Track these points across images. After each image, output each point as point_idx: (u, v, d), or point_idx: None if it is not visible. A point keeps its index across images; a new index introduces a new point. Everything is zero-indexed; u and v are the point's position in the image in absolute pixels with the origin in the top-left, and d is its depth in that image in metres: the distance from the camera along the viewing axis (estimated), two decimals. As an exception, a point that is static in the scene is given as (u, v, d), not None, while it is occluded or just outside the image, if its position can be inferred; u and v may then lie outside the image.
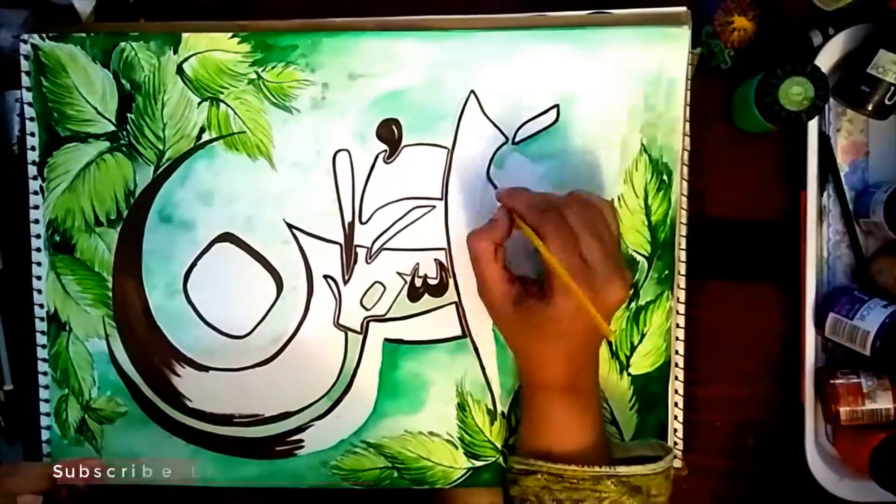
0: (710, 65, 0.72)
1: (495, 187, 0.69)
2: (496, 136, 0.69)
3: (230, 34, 0.70)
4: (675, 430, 0.72)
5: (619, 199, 0.69)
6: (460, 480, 0.73)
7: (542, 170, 0.69)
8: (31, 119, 0.71)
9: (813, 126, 0.71)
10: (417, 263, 0.71)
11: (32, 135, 0.71)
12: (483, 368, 0.71)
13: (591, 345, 0.63)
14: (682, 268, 0.71)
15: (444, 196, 0.70)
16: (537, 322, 0.59)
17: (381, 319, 0.71)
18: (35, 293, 0.72)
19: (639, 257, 0.70)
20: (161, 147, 0.71)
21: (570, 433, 0.63)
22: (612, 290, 0.57)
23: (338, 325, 0.71)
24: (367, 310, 0.71)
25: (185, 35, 0.70)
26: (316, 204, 0.71)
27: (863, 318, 0.68)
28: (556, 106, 0.69)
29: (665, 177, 0.69)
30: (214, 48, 0.70)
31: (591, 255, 0.56)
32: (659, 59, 0.68)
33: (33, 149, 0.71)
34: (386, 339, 0.71)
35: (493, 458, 0.72)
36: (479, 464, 0.72)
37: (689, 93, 0.69)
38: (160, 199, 0.71)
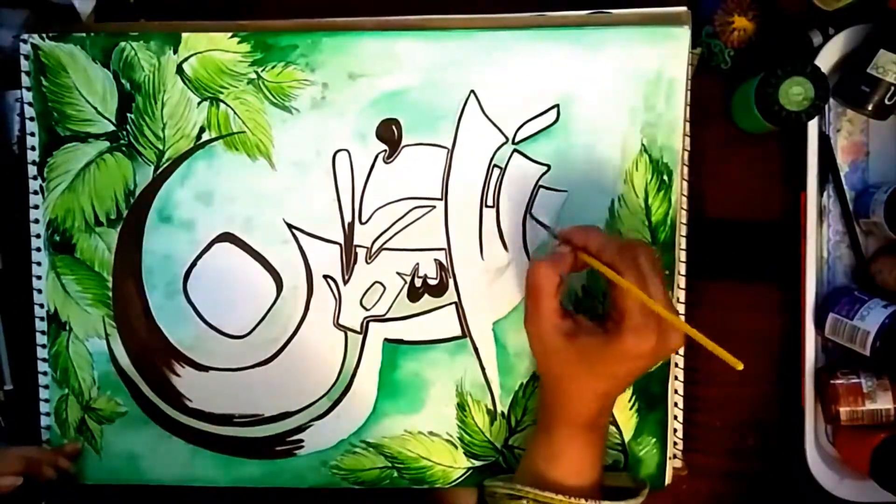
0: (710, 65, 0.72)
1: (547, 228, 0.68)
2: (496, 135, 0.69)
3: (230, 34, 0.70)
4: (675, 430, 0.72)
5: (619, 199, 0.69)
6: (460, 480, 0.73)
7: (542, 170, 0.69)
8: (31, 119, 0.71)
9: (813, 126, 0.71)
10: (417, 263, 0.71)
11: (32, 135, 0.71)
12: (483, 369, 0.71)
13: (628, 387, 0.64)
14: (682, 268, 0.71)
15: (444, 196, 0.70)
16: (590, 357, 0.59)
17: (380, 319, 0.71)
18: (35, 293, 0.73)
19: (639, 257, 0.70)
20: (161, 147, 0.71)
21: (580, 468, 0.63)
22: (673, 337, 0.57)
23: (338, 325, 0.71)
24: (366, 310, 0.71)
25: (184, 35, 0.70)
26: (316, 204, 0.71)
27: (863, 318, 0.68)
28: (556, 106, 0.69)
29: (665, 177, 0.69)
30: (214, 48, 0.70)
31: (658, 300, 0.56)
32: (659, 59, 0.68)
33: (33, 149, 0.71)
34: (386, 339, 0.71)
35: (493, 458, 0.72)
36: (478, 464, 0.72)
37: (689, 93, 0.69)
38: (160, 199, 0.71)
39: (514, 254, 0.70)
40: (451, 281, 0.71)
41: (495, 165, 0.70)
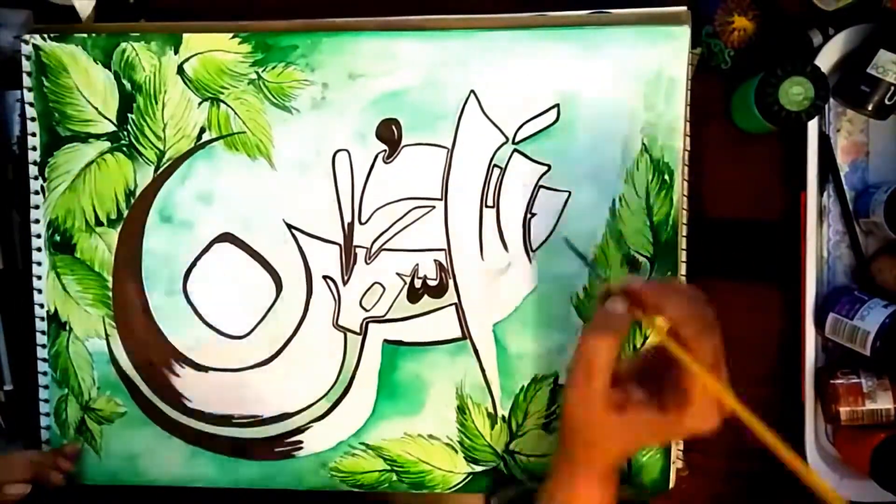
0: (710, 65, 0.72)
1: (584, 258, 0.63)
2: (496, 135, 0.69)
3: (230, 34, 0.70)
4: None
5: (620, 199, 0.69)
6: (460, 486, 0.72)
7: (543, 170, 0.69)
8: (32, 119, 0.71)
9: (813, 126, 0.71)
10: (417, 264, 0.71)
11: (33, 135, 0.71)
12: (483, 371, 0.71)
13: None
14: (683, 268, 0.71)
15: (444, 196, 0.70)
16: (641, 432, 0.54)
17: (380, 320, 0.71)
18: (35, 293, 0.73)
19: (641, 258, 0.70)
20: (161, 147, 0.71)
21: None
22: (714, 424, 0.53)
23: (337, 325, 0.71)
24: (366, 311, 0.71)
25: (185, 35, 0.70)
26: (315, 204, 0.71)
27: (863, 318, 0.68)
28: (557, 106, 0.69)
29: (667, 177, 0.69)
30: (215, 48, 0.70)
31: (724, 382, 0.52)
32: (659, 59, 0.68)
33: (34, 149, 0.72)
34: (385, 340, 0.71)
35: (493, 464, 0.72)
36: (478, 469, 0.72)
37: (689, 93, 0.69)
38: (160, 199, 0.71)
39: (514, 254, 0.70)
40: (450, 282, 0.71)
41: (495, 165, 0.70)
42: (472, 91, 0.69)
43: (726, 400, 0.51)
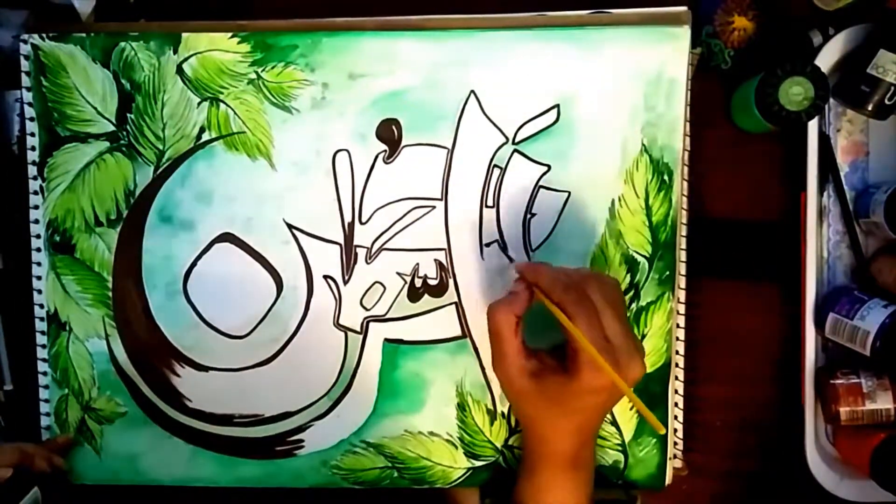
0: (710, 65, 0.72)
1: (510, 259, 0.69)
2: (496, 136, 0.69)
3: (230, 34, 0.70)
4: (675, 430, 0.72)
5: (619, 199, 0.69)
6: (460, 480, 0.73)
7: (543, 170, 0.69)
8: (31, 119, 0.71)
9: (813, 126, 0.71)
10: (417, 264, 0.71)
11: (32, 135, 0.71)
12: (483, 369, 0.71)
13: (601, 420, 0.63)
14: (682, 268, 0.71)
15: (444, 196, 0.70)
16: (556, 396, 0.59)
17: (380, 319, 0.71)
18: (35, 293, 0.72)
19: (639, 258, 0.70)
20: (161, 147, 0.71)
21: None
22: (632, 367, 0.57)
23: (338, 325, 0.71)
24: (366, 310, 0.71)
25: (184, 35, 0.70)
26: (316, 204, 0.71)
27: (863, 318, 0.68)
28: (557, 106, 0.69)
29: (666, 177, 0.69)
30: (214, 48, 0.70)
31: (613, 333, 0.57)
32: (659, 59, 0.68)
33: (33, 149, 0.71)
34: (386, 339, 0.71)
35: (493, 458, 0.72)
36: (478, 464, 0.72)
37: (689, 93, 0.69)
38: (160, 199, 0.71)
39: (514, 254, 0.70)
40: (451, 281, 0.71)
41: (495, 166, 0.70)
42: (472, 91, 0.69)
43: (580, 342, 0.55)
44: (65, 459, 0.72)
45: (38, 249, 0.72)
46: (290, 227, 0.71)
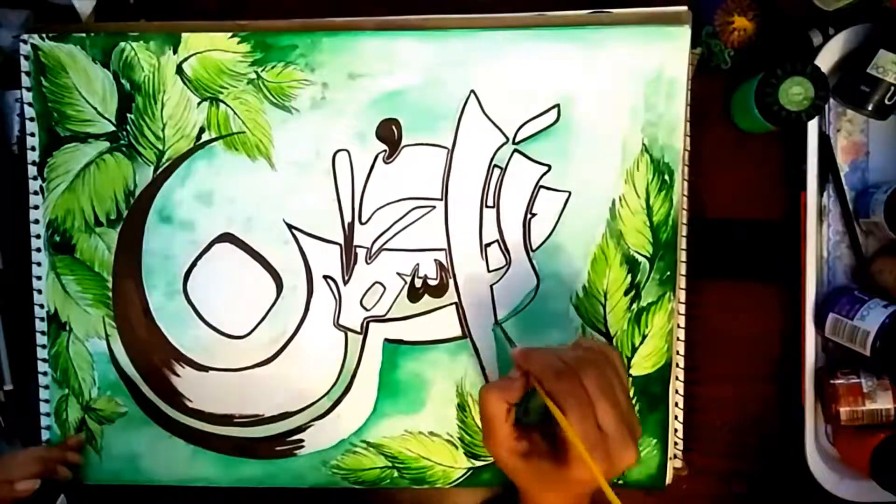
0: (710, 65, 0.72)
1: (511, 344, 0.67)
2: (496, 135, 0.69)
3: (230, 34, 0.70)
4: (676, 430, 0.72)
5: (620, 199, 0.69)
6: (460, 480, 0.73)
7: (543, 170, 0.69)
8: (31, 119, 0.71)
9: (813, 126, 0.71)
10: (417, 264, 0.71)
11: (32, 135, 0.71)
12: (483, 369, 0.71)
13: (591, 495, 0.62)
14: (682, 268, 0.71)
15: (444, 196, 0.70)
16: (546, 478, 0.58)
17: (381, 320, 0.71)
18: (35, 293, 0.73)
19: (640, 258, 0.70)
20: (161, 147, 0.71)
21: None
22: (625, 456, 0.55)
23: (338, 325, 0.71)
24: (367, 310, 0.71)
25: (184, 35, 0.70)
26: (316, 204, 0.71)
27: (863, 318, 0.68)
28: (557, 106, 0.69)
29: (667, 177, 0.69)
30: (214, 48, 0.70)
31: (607, 423, 0.55)
32: (659, 59, 0.68)
33: (33, 149, 0.71)
34: (386, 340, 0.71)
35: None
36: (479, 464, 0.72)
37: (689, 93, 0.69)
38: (160, 199, 0.71)
39: (514, 254, 0.70)
40: (451, 281, 0.71)
41: (496, 165, 0.70)
42: (473, 91, 0.69)
43: (570, 438, 0.54)
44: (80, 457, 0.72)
45: (38, 249, 0.72)
46: (289, 227, 0.71)
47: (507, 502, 0.69)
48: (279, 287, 0.71)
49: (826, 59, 0.71)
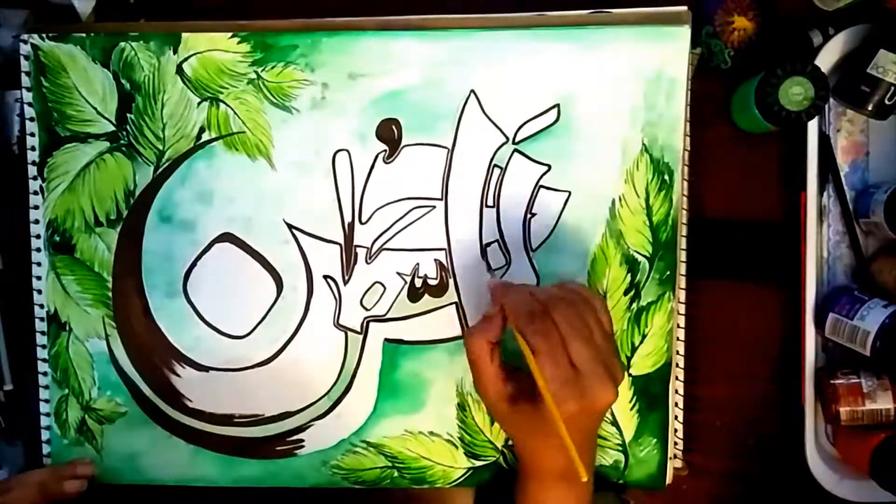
0: (710, 65, 0.72)
1: (490, 269, 0.68)
2: (496, 135, 0.69)
3: (230, 34, 0.70)
4: (676, 431, 0.72)
5: (620, 199, 0.69)
6: (460, 480, 0.73)
7: (543, 170, 0.69)
8: (31, 119, 0.71)
9: (813, 126, 0.71)
10: (417, 264, 0.71)
11: (32, 135, 0.71)
12: (483, 368, 0.71)
13: (589, 432, 0.62)
14: (682, 268, 0.71)
15: (444, 196, 0.70)
16: (532, 420, 0.59)
17: (381, 319, 0.71)
18: (35, 293, 0.72)
19: (640, 258, 0.70)
20: (161, 147, 0.71)
21: None
22: (600, 395, 0.55)
23: (338, 325, 0.71)
24: (367, 310, 0.71)
25: (184, 35, 0.70)
26: (316, 204, 0.71)
27: (863, 318, 0.68)
28: (557, 106, 0.69)
29: (666, 177, 0.69)
30: (214, 48, 0.70)
31: (581, 360, 0.55)
32: (659, 59, 0.68)
33: (33, 149, 0.71)
34: (386, 340, 0.71)
35: (494, 458, 0.72)
36: (479, 464, 0.72)
37: (689, 92, 0.69)
38: (160, 199, 0.71)
39: (514, 254, 0.70)
40: (451, 281, 0.71)
41: (496, 165, 0.70)
42: (473, 91, 0.69)
43: (535, 376, 0.54)
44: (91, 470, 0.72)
45: (38, 249, 0.72)
46: (290, 227, 0.71)
47: (502, 490, 0.69)
48: (279, 287, 0.71)
49: (826, 59, 0.71)
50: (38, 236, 0.72)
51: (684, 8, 0.68)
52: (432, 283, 0.71)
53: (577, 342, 0.55)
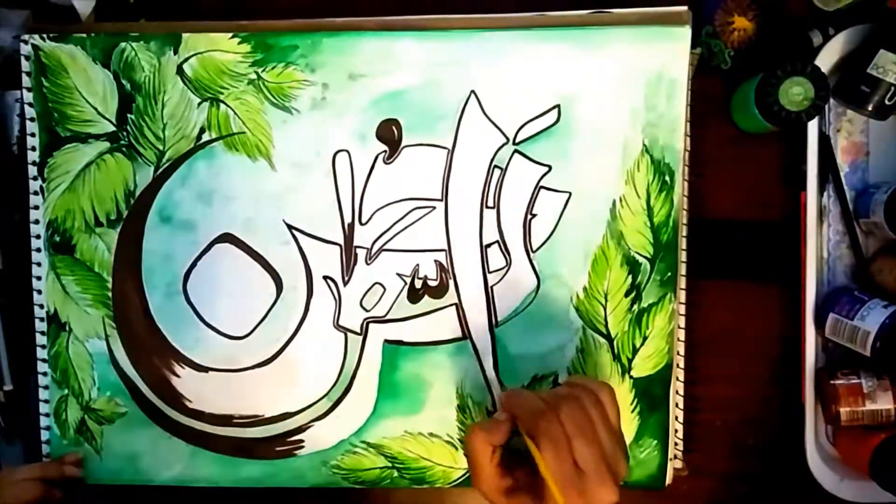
0: (710, 65, 0.72)
1: (501, 384, 0.70)
2: (497, 136, 0.69)
3: (230, 34, 0.70)
4: (676, 431, 0.72)
5: (620, 200, 0.69)
6: (460, 480, 0.73)
7: (543, 170, 0.69)
8: (32, 119, 0.71)
9: (813, 126, 0.71)
10: (417, 264, 0.71)
11: (33, 135, 0.71)
12: (483, 370, 0.71)
13: None
14: (682, 268, 0.71)
15: (445, 197, 0.70)
16: None
17: (380, 320, 0.71)
18: (35, 293, 0.72)
19: (641, 259, 0.70)
20: (161, 147, 0.71)
21: None
22: (603, 493, 0.56)
23: (337, 326, 0.71)
24: (366, 311, 0.71)
25: (185, 35, 0.70)
26: (315, 204, 0.71)
27: (863, 318, 0.68)
28: (557, 106, 0.69)
29: (667, 177, 0.69)
30: (214, 48, 0.70)
31: (584, 461, 0.55)
32: (660, 59, 0.68)
33: (33, 149, 0.71)
34: (386, 341, 0.71)
35: (493, 459, 0.72)
36: (479, 464, 0.72)
37: (689, 93, 0.69)
38: (160, 200, 0.71)
39: (514, 255, 0.70)
40: (451, 282, 0.71)
41: (496, 166, 0.70)
42: (473, 91, 0.69)
43: (545, 477, 0.55)
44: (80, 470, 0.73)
45: (38, 249, 0.72)
46: (289, 227, 0.71)
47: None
48: (279, 287, 0.71)
49: (826, 59, 0.71)
50: (38, 236, 0.72)
51: (684, 8, 0.68)
52: (432, 284, 0.71)
53: (580, 442, 0.56)
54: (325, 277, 0.71)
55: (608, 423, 0.59)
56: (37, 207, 0.72)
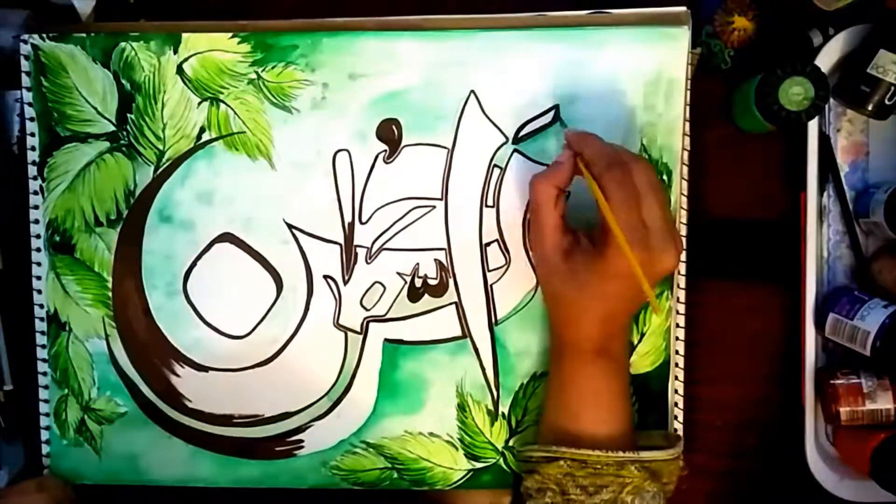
0: (710, 65, 0.72)
1: (564, 126, 0.69)
2: (496, 135, 0.69)
3: (230, 34, 0.70)
4: (676, 431, 0.72)
5: (619, 199, 0.69)
6: (460, 482, 0.72)
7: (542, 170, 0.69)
8: (31, 119, 0.71)
9: (813, 126, 0.71)
10: (417, 263, 0.71)
11: (32, 135, 0.71)
12: (483, 369, 0.71)
13: (630, 310, 0.62)
14: (682, 268, 0.71)
15: (444, 196, 0.70)
16: (583, 276, 0.58)
17: (380, 320, 0.71)
18: (35, 293, 0.72)
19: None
20: (161, 147, 0.71)
21: (598, 398, 0.62)
22: (665, 257, 0.55)
23: (337, 325, 0.71)
24: (366, 310, 0.71)
25: (185, 35, 0.70)
26: (316, 204, 0.71)
27: (863, 318, 0.68)
28: (556, 106, 0.69)
29: (665, 177, 0.69)
30: (214, 48, 0.70)
31: (652, 218, 0.55)
32: (659, 60, 0.68)
33: (33, 149, 0.71)
34: (386, 340, 0.71)
35: (494, 460, 0.72)
36: (479, 465, 0.72)
37: (689, 93, 0.69)
38: (160, 199, 0.71)
39: (514, 254, 0.70)
40: (451, 281, 0.71)
41: (495, 165, 0.70)
42: (473, 91, 0.69)
43: (609, 221, 0.54)
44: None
45: (38, 249, 0.72)
46: (290, 227, 0.71)
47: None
48: (279, 287, 0.71)
49: (826, 59, 0.71)
50: (38, 236, 0.72)
51: (684, 8, 0.68)
52: (432, 282, 0.71)
53: (651, 200, 0.55)
54: (326, 277, 0.71)
55: (667, 196, 0.58)
56: (37, 207, 0.72)
